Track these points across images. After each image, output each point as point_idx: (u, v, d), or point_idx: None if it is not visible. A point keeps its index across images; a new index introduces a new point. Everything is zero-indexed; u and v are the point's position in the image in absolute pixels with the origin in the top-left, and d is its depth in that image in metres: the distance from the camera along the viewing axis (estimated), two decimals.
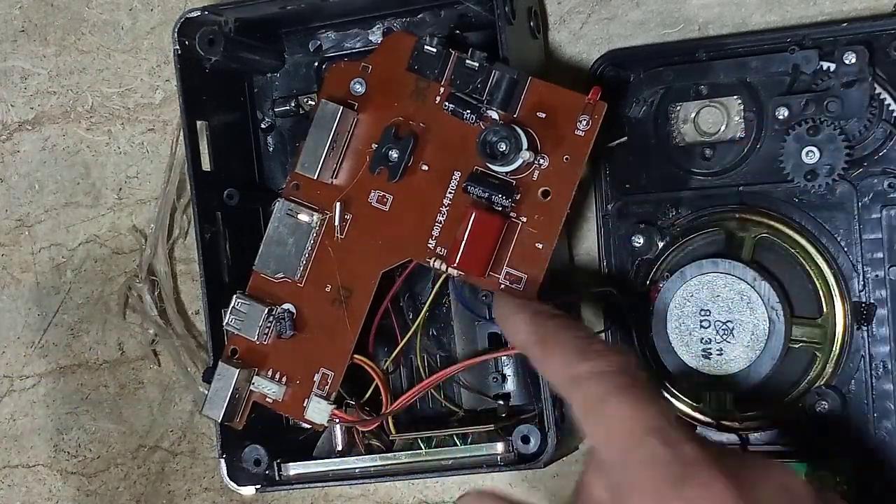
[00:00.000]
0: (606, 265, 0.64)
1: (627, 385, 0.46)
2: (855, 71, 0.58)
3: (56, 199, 0.76)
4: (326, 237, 0.61)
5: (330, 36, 0.67)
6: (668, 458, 0.44)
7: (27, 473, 0.78)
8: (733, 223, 0.61)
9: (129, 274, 0.75)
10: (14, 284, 0.78)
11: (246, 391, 0.62)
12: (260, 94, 0.69)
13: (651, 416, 0.45)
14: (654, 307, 0.61)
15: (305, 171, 0.60)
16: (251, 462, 0.64)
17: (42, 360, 0.77)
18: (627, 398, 0.46)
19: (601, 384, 0.47)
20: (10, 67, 0.77)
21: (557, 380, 0.49)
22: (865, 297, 0.60)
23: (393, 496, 0.71)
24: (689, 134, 0.63)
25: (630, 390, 0.46)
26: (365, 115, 0.61)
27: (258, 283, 0.62)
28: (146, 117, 0.74)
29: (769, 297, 0.59)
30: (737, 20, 0.63)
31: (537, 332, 0.51)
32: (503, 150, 0.56)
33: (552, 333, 0.51)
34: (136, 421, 0.76)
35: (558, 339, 0.50)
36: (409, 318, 0.65)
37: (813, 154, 0.59)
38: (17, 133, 0.77)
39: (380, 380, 0.62)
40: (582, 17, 0.66)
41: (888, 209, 0.59)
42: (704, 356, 0.60)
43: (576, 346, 0.49)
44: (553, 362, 0.50)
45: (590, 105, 0.57)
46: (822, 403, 0.60)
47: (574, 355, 0.49)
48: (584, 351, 0.49)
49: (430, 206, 0.59)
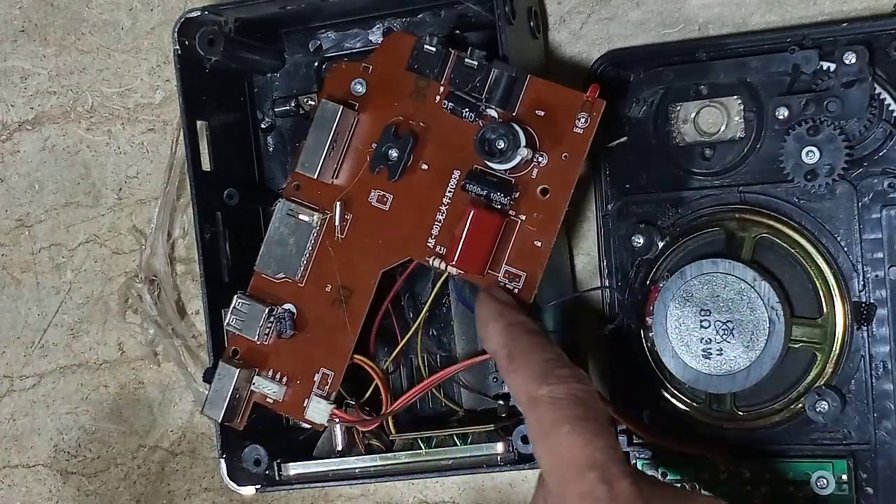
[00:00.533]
0: (606, 265, 0.64)
1: (580, 416, 0.48)
2: (855, 71, 0.58)
3: (56, 199, 0.77)
4: (327, 237, 0.61)
5: (330, 36, 0.67)
6: (603, 496, 0.46)
7: (27, 473, 0.78)
8: (733, 223, 0.61)
9: (129, 274, 0.75)
10: (14, 284, 0.78)
11: (246, 391, 0.62)
12: (260, 94, 0.69)
13: (596, 449, 0.47)
14: (653, 307, 0.61)
15: (306, 170, 0.60)
16: (251, 462, 0.64)
17: (42, 360, 0.77)
18: (577, 429, 0.47)
19: (555, 411, 0.48)
20: (10, 67, 0.77)
21: (517, 397, 0.51)
22: (865, 297, 0.60)
23: (393, 496, 0.71)
24: (689, 134, 0.63)
25: (580, 422, 0.48)
26: (365, 115, 0.61)
27: (259, 284, 0.62)
28: (146, 117, 0.74)
29: (769, 297, 0.58)
30: (737, 20, 0.63)
31: (508, 345, 0.52)
32: (501, 147, 0.56)
33: (521, 350, 0.52)
34: (136, 421, 0.76)
35: (525, 356, 0.51)
36: (410, 317, 0.65)
37: (813, 154, 0.59)
38: (17, 133, 0.77)
39: (380, 380, 0.62)
40: (582, 17, 0.66)
41: (888, 209, 0.59)
42: (704, 356, 0.60)
43: (539, 368, 0.50)
44: (516, 379, 0.51)
45: (588, 102, 0.57)
46: (822, 403, 0.60)
47: (536, 377, 0.50)
48: (546, 375, 0.50)
49: (429, 204, 0.59)
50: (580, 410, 0.48)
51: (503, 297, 0.56)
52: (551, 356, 0.51)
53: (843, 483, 0.60)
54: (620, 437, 0.64)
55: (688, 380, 0.60)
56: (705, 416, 0.63)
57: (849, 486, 0.60)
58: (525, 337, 0.53)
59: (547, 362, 0.51)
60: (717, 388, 0.60)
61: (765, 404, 0.62)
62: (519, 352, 0.52)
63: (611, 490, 0.46)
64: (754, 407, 0.62)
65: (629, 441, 0.64)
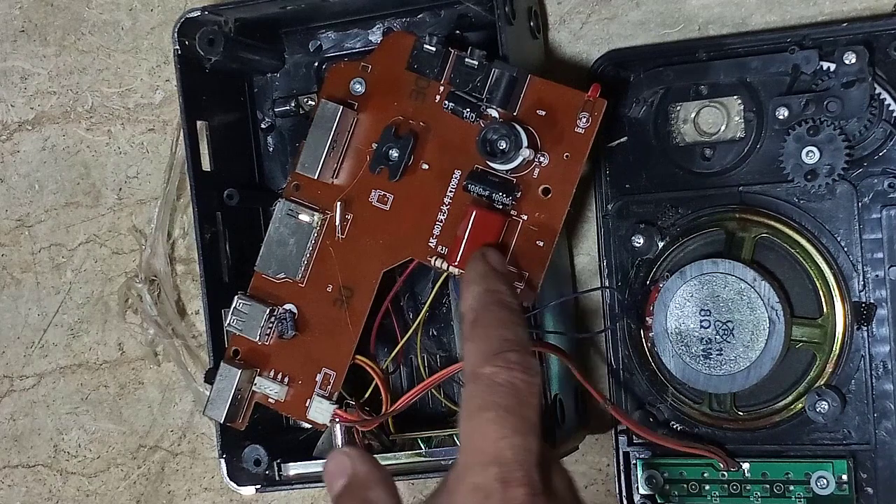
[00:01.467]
0: (606, 265, 0.64)
1: (508, 407, 0.46)
2: (855, 71, 0.58)
3: (56, 199, 0.76)
4: (327, 237, 0.61)
5: (330, 36, 0.67)
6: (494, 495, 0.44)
7: (27, 473, 0.78)
8: (733, 223, 0.61)
9: (129, 274, 0.75)
10: (14, 284, 0.78)
11: (248, 392, 0.62)
12: (260, 94, 0.69)
13: (508, 446, 0.45)
14: (653, 307, 0.61)
15: (306, 171, 0.60)
16: (251, 462, 0.64)
17: (42, 360, 0.77)
18: (499, 420, 0.46)
19: (487, 394, 0.47)
20: (10, 67, 0.77)
21: (465, 366, 0.49)
22: (865, 297, 0.60)
23: None
24: (689, 134, 0.63)
25: (506, 413, 0.46)
26: (365, 115, 0.61)
27: (259, 284, 0.62)
28: (146, 117, 0.74)
29: (769, 297, 0.59)
30: (737, 20, 0.63)
31: (476, 311, 0.51)
32: (503, 147, 0.56)
33: (485, 320, 0.50)
34: (136, 421, 0.76)
35: (486, 328, 0.50)
36: (410, 317, 0.65)
37: (813, 154, 0.59)
38: (17, 133, 0.77)
39: (380, 380, 0.62)
40: (582, 17, 0.66)
41: (888, 209, 0.59)
42: (704, 356, 0.60)
43: (492, 345, 0.48)
44: (469, 348, 0.49)
45: (589, 102, 0.57)
46: (822, 403, 0.60)
47: (485, 353, 0.48)
48: (496, 354, 0.48)
49: (430, 204, 0.59)
50: (511, 402, 0.46)
51: (494, 261, 0.54)
52: (510, 336, 0.49)
53: (843, 483, 0.60)
54: (621, 437, 0.64)
55: (688, 380, 0.60)
56: (705, 416, 0.63)
57: (849, 486, 0.60)
58: (495, 308, 0.51)
59: (504, 341, 0.49)
60: (717, 388, 0.60)
61: (765, 404, 0.62)
62: (483, 321, 0.50)
63: (504, 492, 0.44)
64: (754, 407, 0.62)
65: (629, 441, 0.64)
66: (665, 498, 0.63)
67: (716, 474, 0.62)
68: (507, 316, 0.50)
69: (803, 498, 0.61)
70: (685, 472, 0.63)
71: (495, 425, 0.46)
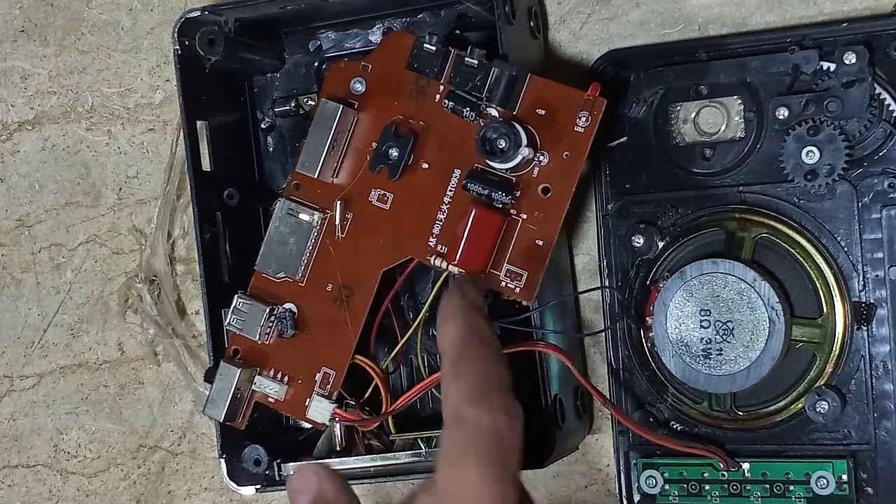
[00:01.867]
0: (606, 265, 0.64)
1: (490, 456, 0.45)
2: (855, 71, 0.58)
3: (56, 199, 0.76)
4: (327, 236, 0.61)
5: (330, 36, 0.67)
6: None
7: (27, 473, 0.78)
8: (733, 223, 0.61)
9: (129, 274, 0.75)
10: (14, 284, 0.78)
11: (248, 391, 0.62)
12: (260, 94, 0.69)
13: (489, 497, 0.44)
14: (653, 307, 0.61)
15: (306, 170, 0.60)
16: (251, 462, 0.64)
17: (42, 360, 0.77)
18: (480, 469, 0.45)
19: (470, 440, 0.45)
20: (10, 67, 0.77)
21: (445, 406, 0.47)
22: (865, 297, 0.60)
23: (393, 496, 0.71)
24: (689, 134, 0.63)
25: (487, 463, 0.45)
26: (365, 114, 0.61)
27: (259, 283, 0.62)
28: (146, 117, 0.74)
29: (769, 297, 0.58)
30: (737, 20, 0.63)
31: (456, 348, 0.49)
32: (502, 146, 0.56)
33: (466, 360, 0.48)
34: (136, 421, 0.76)
35: (468, 369, 0.48)
36: (410, 317, 0.65)
37: (813, 154, 0.59)
38: (17, 133, 0.77)
39: (380, 380, 0.62)
40: (582, 17, 0.66)
41: (888, 209, 0.59)
42: (704, 356, 0.60)
43: (476, 387, 0.47)
44: (450, 388, 0.48)
45: (589, 101, 0.57)
46: (822, 403, 0.60)
47: (468, 396, 0.47)
48: (480, 398, 0.46)
49: (430, 204, 0.59)
50: (494, 449, 0.45)
51: (470, 294, 0.52)
52: (493, 374, 0.48)
53: (843, 483, 0.60)
54: (621, 437, 0.64)
55: (688, 380, 0.60)
56: (705, 416, 0.63)
57: (849, 486, 0.60)
58: (476, 343, 0.49)
59: (488, 380, 0.47)
60: (717, 388, 0.60)
61: (765, 404, 0.62)
62: (463, 361, 0.48)
63: None
64: (754, 407, 0.62)
65: (629, 441, 0.64)
66: (665, 498, 0.63)
67: (716, 474, 0.62)
68: (487, 352, 0.49)
69: (803, 498, 0.61)
70: (685, 472, 0.63)
71: (476, 476, 0.45)
